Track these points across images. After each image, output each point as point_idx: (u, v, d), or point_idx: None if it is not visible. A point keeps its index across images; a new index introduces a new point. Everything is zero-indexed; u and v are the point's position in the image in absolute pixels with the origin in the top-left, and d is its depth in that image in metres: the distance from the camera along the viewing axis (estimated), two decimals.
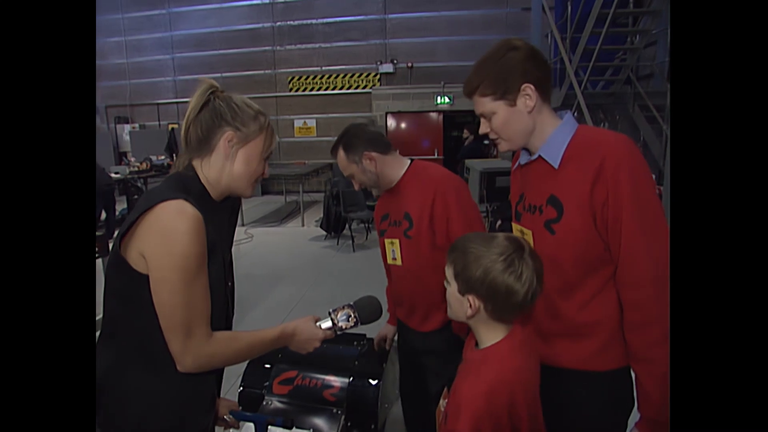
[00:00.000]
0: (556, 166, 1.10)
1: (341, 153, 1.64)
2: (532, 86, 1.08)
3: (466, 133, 8.45)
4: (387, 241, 1.71)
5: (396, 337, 1.96)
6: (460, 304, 1.01)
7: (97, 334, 1.06)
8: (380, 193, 1.72)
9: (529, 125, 1.12)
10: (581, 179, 1.04)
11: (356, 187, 1.69)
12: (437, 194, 1.56)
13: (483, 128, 1.17)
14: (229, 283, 1.13)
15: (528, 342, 1.06)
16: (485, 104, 1.12)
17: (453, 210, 1.56)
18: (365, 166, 1.61)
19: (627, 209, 1.00)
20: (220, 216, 1.08)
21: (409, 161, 1.68)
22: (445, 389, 1.15)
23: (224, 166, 1.04)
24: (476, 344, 1.06)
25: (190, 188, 1.01)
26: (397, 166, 1.65)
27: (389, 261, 1.73)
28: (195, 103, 1.04)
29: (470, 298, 0.98)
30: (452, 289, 1.02)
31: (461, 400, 0.96)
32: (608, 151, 1.02)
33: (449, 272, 1.03)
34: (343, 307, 1.18)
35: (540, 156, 1.13)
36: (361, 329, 1.26)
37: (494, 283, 0.95)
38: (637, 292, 1.03)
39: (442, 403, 1.13)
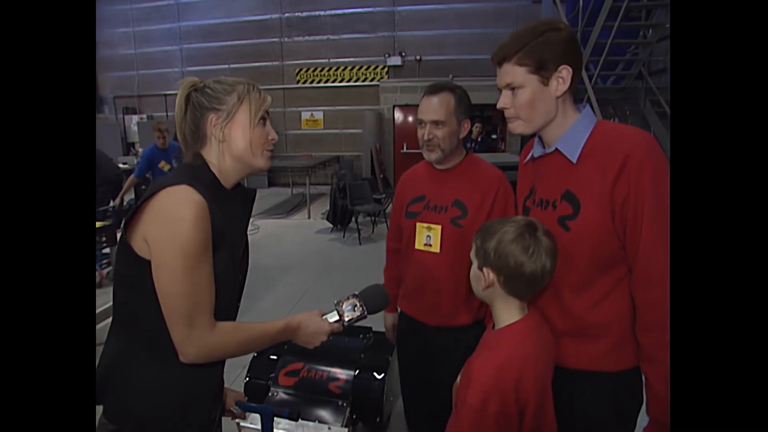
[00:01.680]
0: (575, 161, 1.07)
1: (451, 99, 1.52)
2: (569, 68, 1.04)
3: (478, 127, 8.31)
4: (422, 225, 1.60)
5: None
6: (477, 280, 1.09)
7: (110, 320, 1.06)
8: (436, 161, 1.59)
9: (552, 110, 1.08)
10: (601, 176, 1.02)
11: (424, 135, 1.54)
12: (500, 188, 1.57)
13: (503, 102, 1.10)
14: (240, 276, 1.12)
15: (542, 329, 1.10)
16: (517, 74, 1.06)
17: (510, 206, 1.58)
18: (460, 128, 1.57)
19: (648, 209, 0.98)
20: (231, 205, 1.06)
21: (464, 151, 1.65)
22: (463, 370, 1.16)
23: (222, 148, 1.03)
24: (493, 327, 1.12)
25: (200, 176, 1.00)
26: (461, 150, 1.63)
27: (419, 246, 1.61)
28: (179, 106, 1.04)
29: (485, 270, 1.05)
30: (474, 267, 1.10)
31: (472, 374, 1.02)
32: (632, 149, 1.00)
33: (472, 251, 1.10)
34: (348, 298, 1.15)
35: (557, 149, 1.10)
36: (367, 322, 1.25)
37: (504, 253, 1.02)
38: (652, 293, 1.00)
39: (459, 379, 1.14)
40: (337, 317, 1.13)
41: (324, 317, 1.14)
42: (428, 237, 1.60)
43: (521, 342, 1.03)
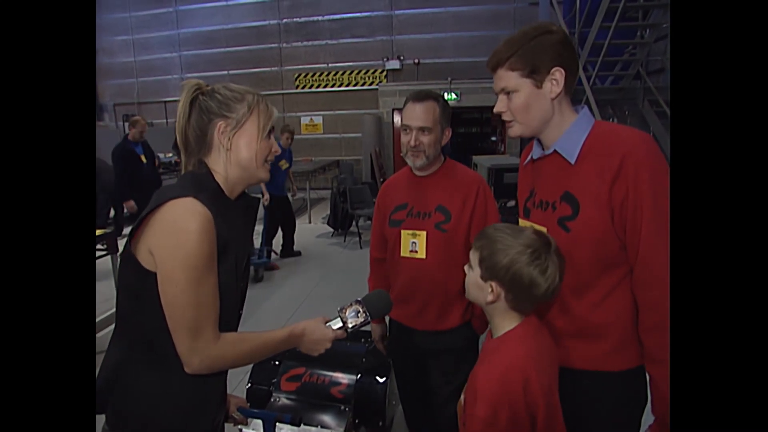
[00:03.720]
0: (573, 162, 1.07)
1: (436, 107, 1.56)
2: (562, 70, 1.05)
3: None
4: (407, 232, 1.62)
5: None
6: (480, 290, 1.05)
7: (112, 328, 1.06)
8: (420, 167, 1.60)
9: (548, 112, 1.09)
10: (599, 176, 1.02)
11: (410, 141, 1.56)
12: (480, 190, 1.61)
13: (499, 107, 1.12)
14: (242, 284, 1.12)
15: (542, 331, 1.09)
16: (510, 79, 1.07)
17: (491, 207, 1.62)
18: (444, 136, 1.60)
19: (647, 209, 0.98)
20: (234, 215, 1.05)
21: (443, 156, 1.68)
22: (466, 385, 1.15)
23: (227, 156, 1.02)
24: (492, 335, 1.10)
25: (204, 186, 0.99)
26: (440, 156, 1.66)
27: (405, 254, 1.63)
28: (182, 108, 1.02)
29: (493, 284, 1.02)
30: (474, 274, 1.06)
31: (477, 386, 0.99)
32: (629, 149, 1.00)
33: (474, 257, 1.07)
34: (351, 304, 1.14)
35: (555, 151, 1.11)
36: (369, 327, 1.25)
37: (519, 274, 0.99)
38: (654, 293, 1.00)
39: (462, 397, 1.12)
40: (340, 324, 1.13)
41: (327, 324, 1.13)
42: (413, 244, 1.62)
43: (522, 345, 1.02)
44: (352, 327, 1.13)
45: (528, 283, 0.99)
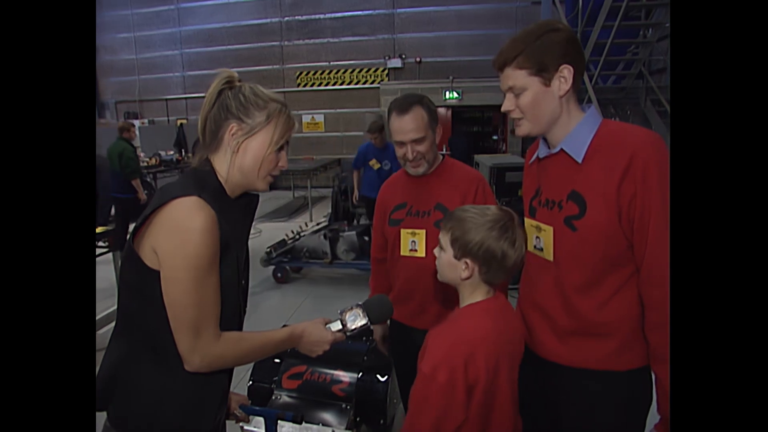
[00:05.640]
0: (580, 161, 1.07)
1: (422, 112, 1.52)
2: (570, 68, 1.04)
3: None
4: (406, 231, 1.62)
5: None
6: (454, 269, 1.11)
7: (113, 326, 1.06)
8: (417, 173, 1.59)
9: (557, 111, 1.08)
10: (607, 175, 1.02)
11: (407, 154, 1.54)
12: (479, 188, 1.60)
13: (507, 105, 1.11)
14: (243, 282, 1.12)
15: (506, 313, 1.13)
16: (518, 77, 1.06)
17: (491, 204, 1.61)
18: (435, 137, 1.59)
19: (655, 208, 0.98)
20: (235, 213, 1.05)
21: (441, 155, 1.67)
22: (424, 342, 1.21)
23: (232, 159, 1.01)
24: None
25: (206, 184, 0.99)
26: (438, 155, 1.66)
27: (405, 252, 1.63)
28: (209, 97, 1.02)
29: (467, 261, 1.09)
30: (447, 255, 1.12)
31: (428, 346, 1.09)
32: (637, 148, 1.00)
33: (445, 239, 1.12)
34: (352, 308, 1.16)
35: (562, 149, 1.10)
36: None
37: (491, 249, 1.06)
38: (660, 292, 0.99)
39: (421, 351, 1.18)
40: (340, 326, 1.14)
41: (327, 326, 1.14)
42: (413, 242, 1.62)
43: (478, 321, 1.08)
44: (352, 330, 1.15)
45: (501, 256, 1.06)
